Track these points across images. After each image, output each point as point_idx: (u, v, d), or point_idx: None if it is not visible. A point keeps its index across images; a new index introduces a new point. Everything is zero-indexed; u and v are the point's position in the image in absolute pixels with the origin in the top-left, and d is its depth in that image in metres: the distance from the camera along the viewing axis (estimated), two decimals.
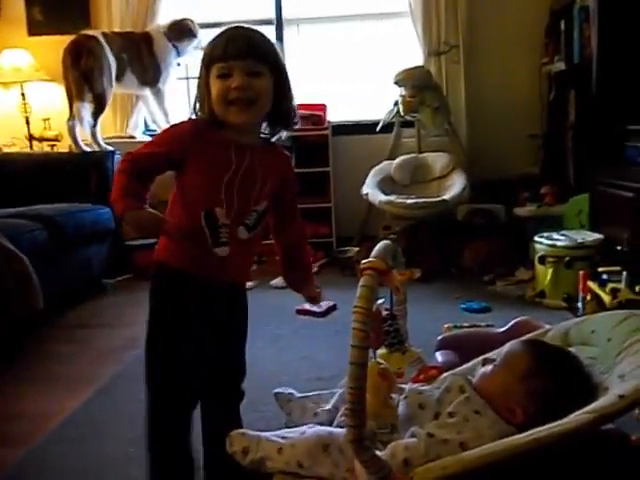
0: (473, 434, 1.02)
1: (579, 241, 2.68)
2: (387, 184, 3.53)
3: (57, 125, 3.99)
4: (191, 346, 1.33)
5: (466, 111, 3.90)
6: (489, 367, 1.14)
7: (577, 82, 3.50)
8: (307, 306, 2.76)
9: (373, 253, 1.09)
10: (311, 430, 1.11)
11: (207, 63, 1.26)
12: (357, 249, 3.56)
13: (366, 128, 3.94)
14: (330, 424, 1.24)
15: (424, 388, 1.18)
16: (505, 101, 3.95)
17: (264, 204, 1.34)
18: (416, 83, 3.43)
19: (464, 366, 1.33)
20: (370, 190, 3.40)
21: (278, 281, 3.20)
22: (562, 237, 2.77)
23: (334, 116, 3.94)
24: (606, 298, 2.32)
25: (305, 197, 3.82)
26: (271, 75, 1.27)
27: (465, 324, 2.42)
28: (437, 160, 3.62)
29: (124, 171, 1.24)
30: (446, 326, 2.39)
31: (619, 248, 2.55)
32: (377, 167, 3.65)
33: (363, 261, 1.04)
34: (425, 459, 0.99)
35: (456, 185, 3.39)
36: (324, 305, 2.77)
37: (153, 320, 1.34)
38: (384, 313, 1.23)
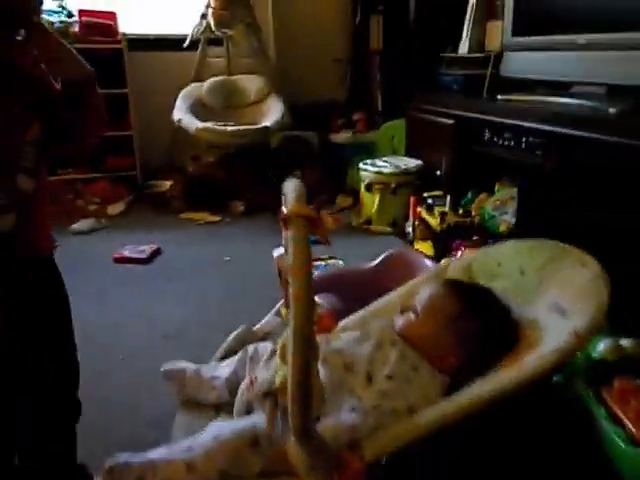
0: (419, 394, 0.92)
1: (403, 167, 2.74)
2: (199, 109, 3.17)
3: None
4: None
5: (274, 31, 3.67)
6: (411, 315, 1.03)
7: (384, 7, 3.51)
8: (126, 252, 2.39)
9: (290, 196, 0.87)
10: (227, 429, 0.89)
11: None
12: (170, 183, 3.20)
13: (167, 43, 3.46)
14: (231, 394, 1.04)
15: (340, 346, 1.03)
16: (312, 22, 3.79)
17: (37, 127, 0.92)
18: None
19: (367, 310, 1.22)
20: (183, 116, 3.02)
21: (81, 224, 2.72)
22: (386, 164, 2.81)
23: (128, 27, 3.36)
24: (434, 222, 2.43)
25: None
26: None
27: None
28: (251, 83, 3.37)
29: None
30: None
31: (438, 173, 2.68)
32: (186, 90, 3.25)
33: (285, 208, 0.83)
34: (372, 432, 0.86)
35: (274, 111, 3.20)
36: (147, 249, 2.43)
37: None
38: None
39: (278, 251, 1.16)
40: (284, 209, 0.84)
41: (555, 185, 1.90)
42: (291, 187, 0.92)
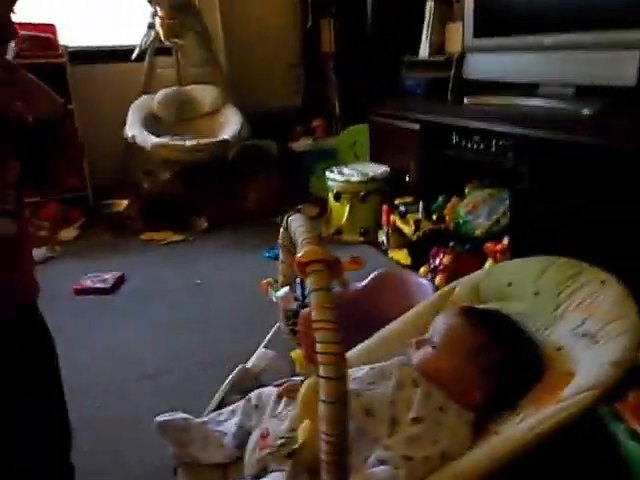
0: (449, 436, 0.85)
1: (371, 175, 2.68)
2: (152, 123, 3.02)
3: None
4: None
5: (224, 39, 3.55)
6: (429, 348, 0.96)
7: (336, 10, 3.45)
8: (88, 282, 2.24)
9: (302, 238, 0.80)
10: None
11: None
12: (125, 202, 3.03)
13: (111, 55, 3.29)
14: (239, 448, 0.95)
15: (355, 387, 0.95)
16: (262, 28, 3.69)
17: (16, 167, 0.87)
18: (173, 2, 2.93)
19: (371, 342, 1.14)
20: (136, 132, 2.86)
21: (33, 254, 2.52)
22: (353, 171, 2.74)
23: (69, 40, 3.16)
24: (408, 230, 2.38)
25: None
26: None
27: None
28: (204, 94, 3.23)
29: None
30: (265, 282, 2.17)
31: (408, 179, 2.64)
32: (136, 103, 3.09)
33: (300, 254, 0.76)
34: None
35: (231, 122, 3.09)
36: (110, 278, 2.27)
37: None
38: (295, 304, 0.95)
39: (283, 291, 1.07)
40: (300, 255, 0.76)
41: (533, 190, 1.89)
42: (301, 226, 0.84)
